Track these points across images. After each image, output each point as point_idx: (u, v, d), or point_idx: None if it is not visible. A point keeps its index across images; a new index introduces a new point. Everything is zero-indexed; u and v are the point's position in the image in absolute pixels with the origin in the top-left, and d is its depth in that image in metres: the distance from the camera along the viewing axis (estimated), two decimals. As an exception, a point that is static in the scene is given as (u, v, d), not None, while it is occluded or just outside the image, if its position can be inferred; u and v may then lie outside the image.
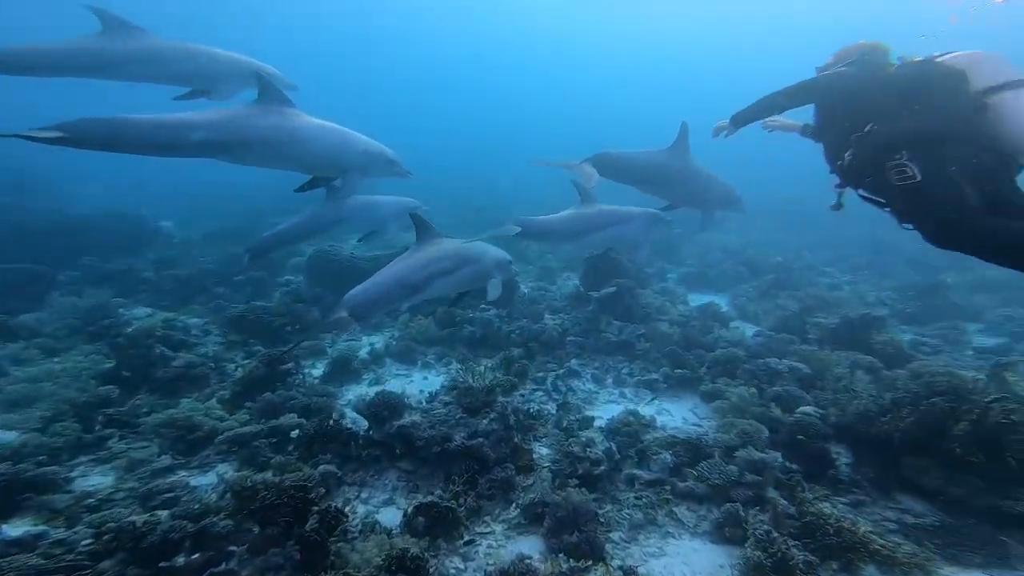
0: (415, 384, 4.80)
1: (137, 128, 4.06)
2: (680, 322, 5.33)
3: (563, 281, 8.19)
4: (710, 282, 7.66)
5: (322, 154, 5.11)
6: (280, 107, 4.80)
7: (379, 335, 5.99)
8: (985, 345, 4.84)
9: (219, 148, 4.53)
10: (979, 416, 2.25)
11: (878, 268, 7.88)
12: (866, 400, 2.79)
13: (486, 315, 5.85)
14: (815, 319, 4.76)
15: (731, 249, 9.48)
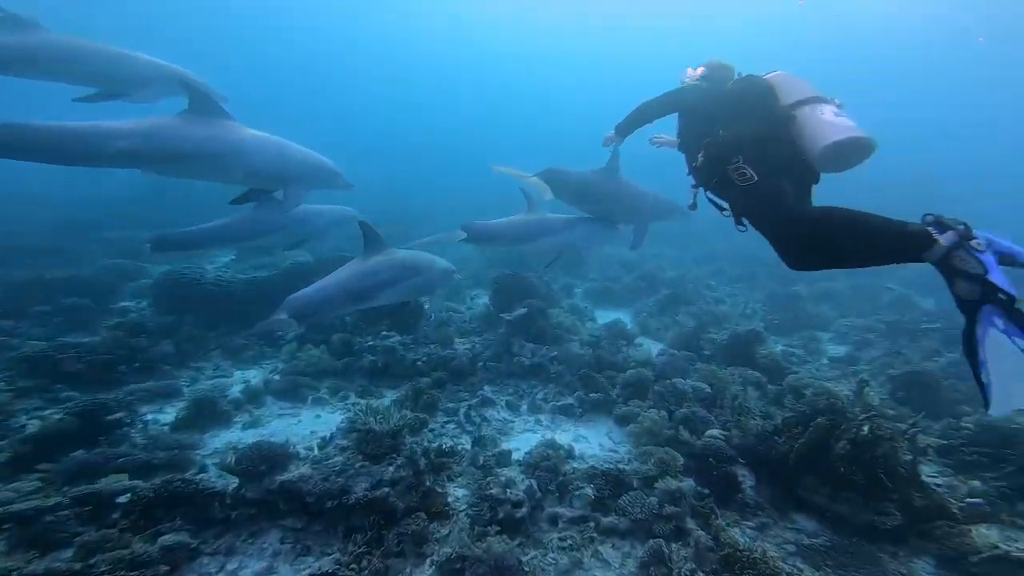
0: (304, 425, 4.30)
1: (53, 135, 3.89)
2: (591, 342, 5.50)
3: (472, 301, 8.06)
4: (614, 297, 8.10)
5: (263, 167, 5.07)
6: (215, 118, 4.74)
7: (257, 368, 5.30)
8: (837, 354, 5.74)
9: (145, 159, 4.41)
10: (856, 434, 2.58)
11: (748, 280, 9.03)
12: (761, 421, 3.09)
13: (388, 342, 5.48)
14: (708, 335, 5.23)
15: (629, 263, 10.19)
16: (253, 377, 5.06)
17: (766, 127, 2.45)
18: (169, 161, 4.64)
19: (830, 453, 2.59)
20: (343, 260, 7.12)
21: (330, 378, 5.11)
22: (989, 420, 3.68)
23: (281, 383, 4.82)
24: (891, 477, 2.49)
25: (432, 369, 5.25)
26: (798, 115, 2.40)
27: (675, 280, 8.26)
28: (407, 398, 4.67)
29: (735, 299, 7.68)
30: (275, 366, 5.31)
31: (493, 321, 6.34)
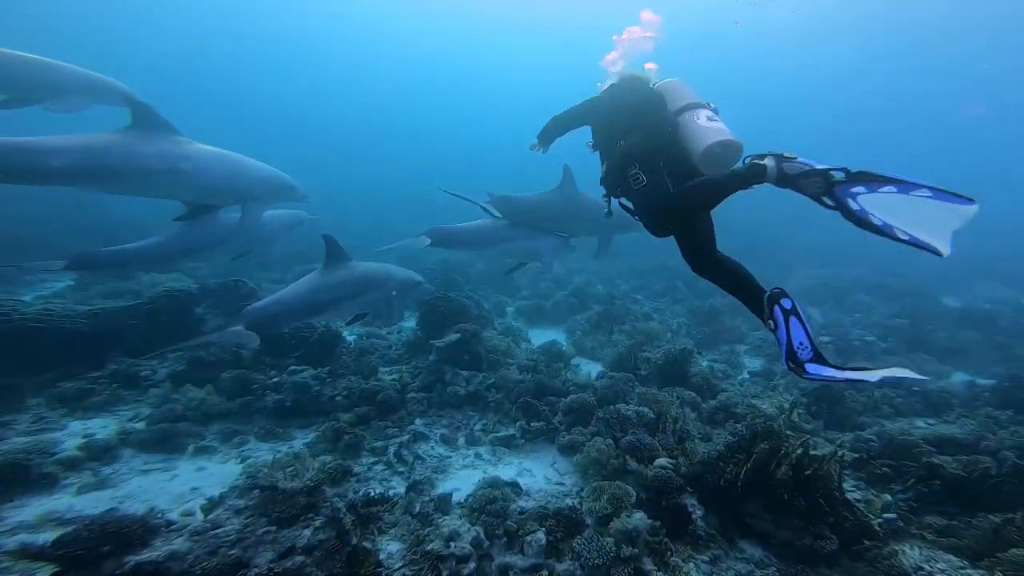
0: (180, 481, 3.65)
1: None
2: (529, 366, 5.40)
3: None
4: (546, 315, 8.13)
5: (214, 183, 5.03)
6: (161, 133, 4.71)
7: (109, 417, 4.46)
8: (754, 368, 6.19)
9: (86, 176, 4.37)
10: (795, 459, 2.71)
11: (670, 294, 9.59)
12: (704, 446, 3.17)
13: (298, 377, 4.94)
14: (644, 353, 5.38)
15: (559, 278, 10.36)
16: (101, 428, 4.23)
17: (656, 136, 2.71)
18: (112, 179, 4.56)
19: (772, 478, 2.69)
20: (227, 288, 6.52)
21: (221, 421, 4.48)
22: (887, 432, 4.14)
23: (147, 433, 4.10)
24: (827, 500, 2.63)
25: (354, 404, 4.82)
26: (680, 121, 2.68)
27: (604, 296, 8.51)
28: (324, 439, 4.23)
29: (662, 314, 8.07)
30: (137, 412, 4.52)
31: (421, 347, 6.02)
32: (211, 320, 6.10)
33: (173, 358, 5.32)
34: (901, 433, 4.00)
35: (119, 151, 4.55)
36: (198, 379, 4.89)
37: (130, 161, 4.57)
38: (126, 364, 5.05)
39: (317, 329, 5.65)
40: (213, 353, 5.26)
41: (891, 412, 4.95)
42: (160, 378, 5.04)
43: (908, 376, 2.07)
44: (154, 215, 13.02)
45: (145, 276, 7.58)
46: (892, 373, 2.07)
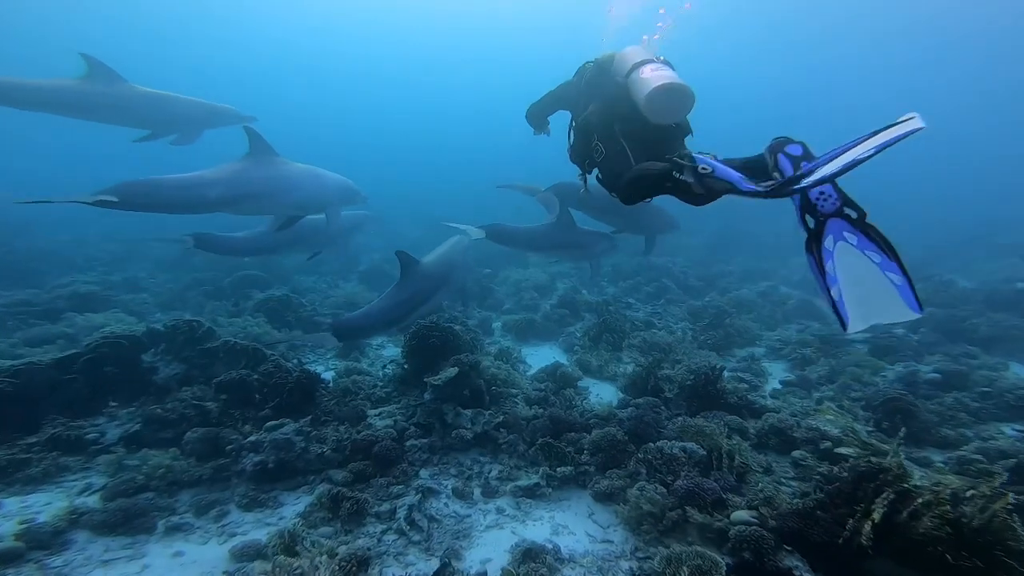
0: (155, 572, 3.11)
1: (164, 189, 5.26)
2: (538, 398, 5.05)
3: (376, 353, 7.11)
4: (536, 329, 7.80)
5: (308, 198, 6.33)
6: (271, 158, 5.90)
7: (53, 492, 3.84)
8: (782, 375, 5.94)
9: (229, 204, 5.66)
10: (944, 509, 2.36)
11: (662, 295, 9.49)
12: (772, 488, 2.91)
13: (279, 434, 4.40)
14: (663, 372, 5.15)
15: (541, 285, 10.06)
16: (44, 506, 3.62)
17: (613, 103, 2.86)
18: (244, 203, 5.76)
19: (909, 532, 2.38)
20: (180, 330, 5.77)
21: (191, 489, 3.94)
22: (1000, 448, 3.88)
23: (104, 511, 3.50)
24: (1009, 554, 2.28)
25: (347, 459, 4.34)
26: (629, 81, 2.76)
27: (596, 304, 8.28)
28: (321, 507, 3.75)
29: (661, 319, 7.90)
30: (87, 483, 3.91)
31: (410, 382, 5.57)
32: (164, 369, 5.43)
33: (125, 415, 4.72)
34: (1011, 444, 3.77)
35: (247, 178, 5.70)
36: (158, 441, 4.31)
37: (254, 187, 5.78)
38: (66, 427, 4.40)
39: (293, 374, 5.09)
40: (172, 409, 4.69)
41: (970, 420, 4.55)
42: (111, 441, 4.42)
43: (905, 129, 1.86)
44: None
45: (80, 317, 6.97)
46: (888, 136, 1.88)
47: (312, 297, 9.43)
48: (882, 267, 2.01)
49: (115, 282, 9.92)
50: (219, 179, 5.59)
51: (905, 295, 1.99)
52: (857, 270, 2.00)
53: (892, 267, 2.02)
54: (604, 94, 2.93)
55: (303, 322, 7.71)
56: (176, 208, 5.46)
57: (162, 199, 5.29)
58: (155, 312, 8.58)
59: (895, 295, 1.99)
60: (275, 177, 6.02)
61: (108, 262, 12.29)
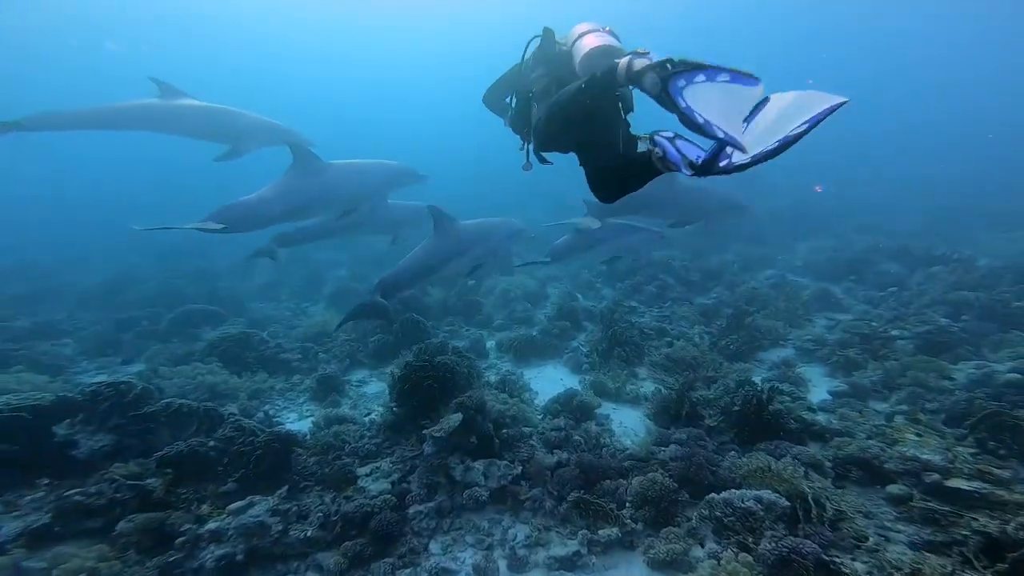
0: None
1: (248, 210, 6.35)
2: (557, 438, 4.47)
3: (357, 392, 6.38)
4: (536, 347, 7.15)
5: (356, 191, 7.51)
6: (316, 164, 6.88)
7: None
8: (828, 384, 5.43)
9: (294, 216, 7.13)
10: None
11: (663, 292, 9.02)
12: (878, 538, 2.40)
13: (248, 517, 3.71)
14: (697, 394, 4.64)
15: (532, 294, 9.47)
16: None
17: (552, 69, 3.03)
18: (302, 212, 7.12)
19: None
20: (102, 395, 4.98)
21: None
22: None
23: None
24: None
25: (338, 538, 3.69)
26: (573, 50, 2.87)
27: (598, 312, 7.76)
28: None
29: (674, 325, 7.42)
30: None
31: (402, 429, 4.92)
32: (86, 442, 4.61)
33: (29, 503, 3.92)
34: None
35: (306, 190, 6.70)
36: (78, 534, 3.56)
37: (313, 197, 6.85)
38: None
39: (259, 436, 4.36)
40: (98, 493, 3.94)
41: None
42: (6, 537, 3.61)
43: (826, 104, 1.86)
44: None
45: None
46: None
47: (275, 329, 8.57)
48: (710, 78, 1.99)
49: (20, 329, 8.71)
50: (282, 195, 6.54)
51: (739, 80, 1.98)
52: (708, 98, 1.98)
53: (713, 73, 1.99)
54: (548, 60, 3.08)
55: (268, 362, 6.90)
56: (262, 225, 6.66)
57: (257, 219, 6.39)
58: (80, 362, 7.59)
59: (734, 88, 1.99)
60: (324, 183, 6.93)
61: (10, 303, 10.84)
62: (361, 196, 7.59)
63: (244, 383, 6.26)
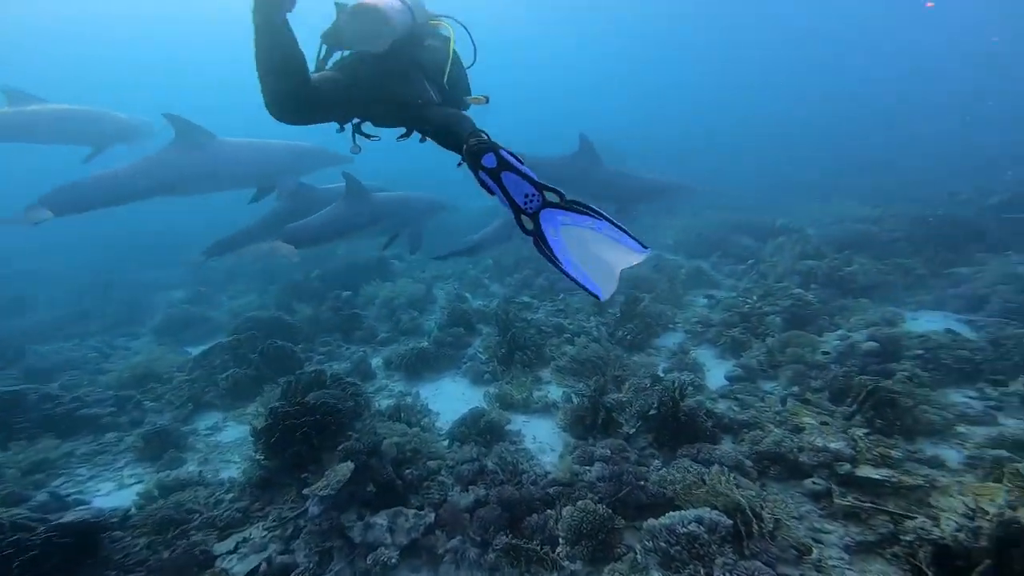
0: None
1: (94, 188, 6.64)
2: (469, 473, 4.01)
3: (209, 442, 5.27)
4: (429, 360, 6.53)
5: (253, 170, 7.77)
6: (201, 138, 6.98)
7: None
8: (723, 368, 5.59)
9: (167, 189, 7.05)
10: None
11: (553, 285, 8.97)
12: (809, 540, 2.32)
13: None
14: (610, 397, 4.49)
15: (417, 300, 8.74)
16: None
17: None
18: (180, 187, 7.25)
19: None
20: None
21: None
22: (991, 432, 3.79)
23: None
24: None
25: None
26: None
27: (492, 312, 7.41)
28: None
29: (571, 319, 7.31)
30: None
31: (274, 486, 4.14)
32: None
33: None
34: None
35: (184, 164, 6.97)
36: None
37: (195, 172, 7.16)
38: None
39: (37, 532, 3.26)
40: None
41: (930, 393, 4.34)
42: None
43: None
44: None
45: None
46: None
47: (74, 378, 6.80)
48: (597, 228, 2.29)
49: None
50: (148, 168, 6.59)
51: (627, 242, 2.29)
52: (583, 243, 2.27)
53: (603, 225, 2.30)
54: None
55: (58, 422, 5.37)
56: (110, 203, 6.55)
57: (115, 195, 6.49)
58: None
59: (620, 245, 2.29)
60: (209, 158, 6.91)
61: None
62: (259, 175, 7.69)
63: (14, 456, 4.79)
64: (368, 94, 2.87)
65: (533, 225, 2.29)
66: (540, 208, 2.28)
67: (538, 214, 2.28)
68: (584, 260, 2.24)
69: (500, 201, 2.35)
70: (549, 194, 2.28)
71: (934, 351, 5.08)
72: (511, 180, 2.30)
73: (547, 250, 2.25)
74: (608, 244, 2.27)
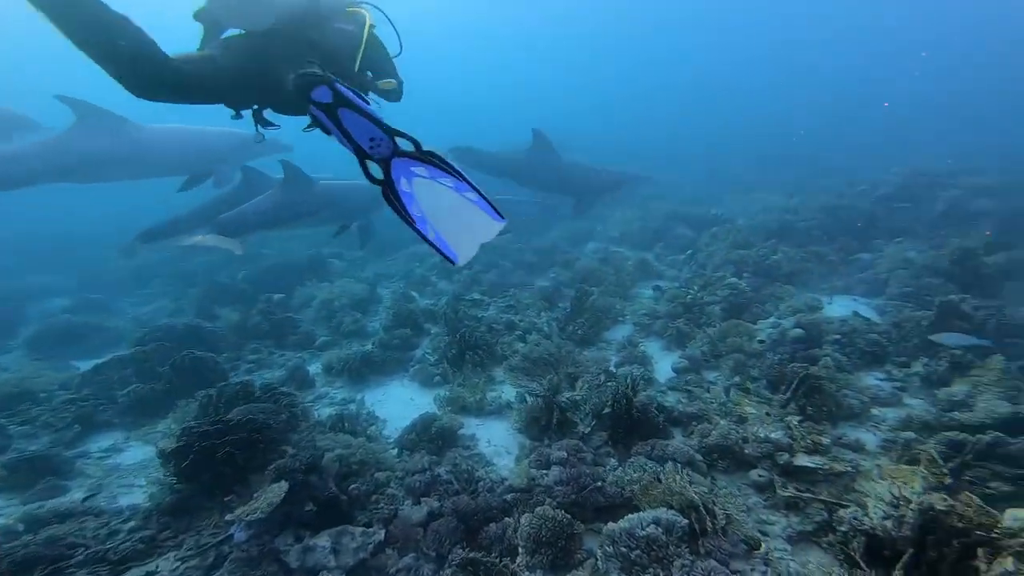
0: None
1: None
2: (421, 484, 3.85)
3: (103, 464, 4.79)
4: (375, 363, 6.24)
5: (179, 157, 7.58)
6: (113, 123, 6.87)
7: None
8: (670, 360, 5.59)
9: (69, 174, 6.82)
10: None
11: (503, 279, 8.89)
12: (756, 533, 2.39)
13: None
14: (565, 396, 4.45)
15: (360, 301, 8.31)
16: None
17: None
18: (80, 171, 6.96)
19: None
20: None
21: None
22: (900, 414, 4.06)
23: None
24: None
25: None
26: None
27: (440, 311, 7.22)
28: None
29: (522, 316, 7.19)
30: None
31: (191, 507, 3.81)
32: None
33: None
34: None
35: (86, 149, 6.74)
36: None
37: (99, 157, 6.87)
38: None
39: None
40: None
41: (850, 378, 4.65)
42: None
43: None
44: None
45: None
46: None
47: None
48: (458, 189, 2.16)
49: None
50: (43, 150, 6.42)
51: (485, 208, 2.19)
52: (439, 202, 2.15)
53: (464, 187, 2.17)
54: None
55: None
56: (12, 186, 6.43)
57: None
58: None
59: (478, 212, 2.19)
60: (119, 143, 6.77)
61: None
62: (188, 164, 7.50)
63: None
64: (249, 78, 2.67)
65: (383, 173, 2.14)
66: (391, 156, 2.13)
67: (389, 161, 2.13)
68: (440, 220, 2.13)
69: (341, 143, 2.18)
70: (402, 141, 2.14)
71: (849, 335, 5.47)
72: (352, 119, 2.13)
73: (398, 204, 2.10)
74: (468, 208, 2.17)
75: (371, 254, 11.47)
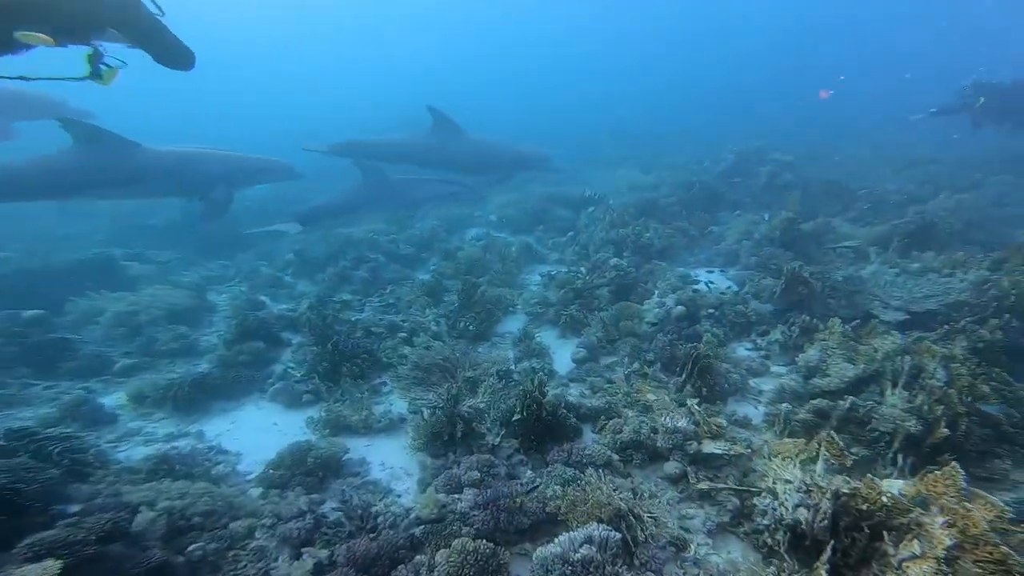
0: None
1: None
2: (301, 531, 3.26)
3: None
4: (214, 385, 5.19)
5: (183, 180, 8.20)
6: (118, 146, 7.43)
7: None
8: (570, 350, 5.54)
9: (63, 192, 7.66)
10: None
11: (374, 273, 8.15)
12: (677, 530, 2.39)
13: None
14: (467, 405, 4.10)
15: (180, 308, 6.89)
16: None
17: None
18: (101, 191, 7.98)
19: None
20: None
21: None
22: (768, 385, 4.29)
23: None
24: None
25: None
26: None
27: (295, 317, 6.42)
28: None
29: (404, 315, 6.61)
30: None
31: None
32: None
33: None
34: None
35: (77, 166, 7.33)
36: None
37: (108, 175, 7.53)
38: None
39: None
40: None
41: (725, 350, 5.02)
42: None
43: None
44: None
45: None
46: None
47: None
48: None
49: None
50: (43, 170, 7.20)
51: None
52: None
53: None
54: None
55: None
56: None
57: None
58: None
59: None
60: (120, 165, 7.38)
61: None
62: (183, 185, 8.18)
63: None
64: None
65: None
66: None
67: None
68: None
69: None
70: None
71: (720, 308, 5.87)
72: None
73: None
74: None
75: (197, 254, 9.93)
